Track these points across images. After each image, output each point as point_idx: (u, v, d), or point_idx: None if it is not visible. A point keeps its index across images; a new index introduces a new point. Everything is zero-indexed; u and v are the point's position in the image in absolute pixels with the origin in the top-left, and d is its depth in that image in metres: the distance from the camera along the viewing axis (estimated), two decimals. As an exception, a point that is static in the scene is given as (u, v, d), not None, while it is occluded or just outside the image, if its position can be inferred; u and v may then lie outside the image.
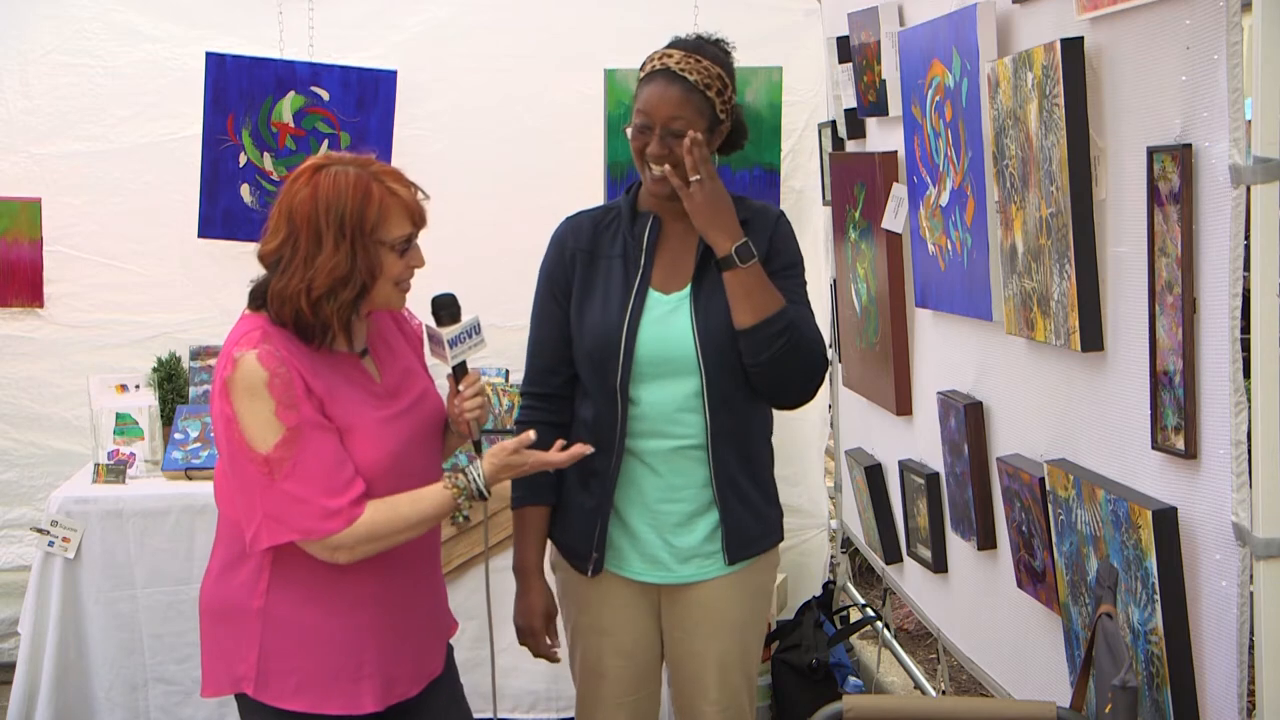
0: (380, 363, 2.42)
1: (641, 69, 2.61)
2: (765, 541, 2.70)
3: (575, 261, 2.65)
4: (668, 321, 2.61)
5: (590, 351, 2.61)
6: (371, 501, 2.27)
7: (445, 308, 2.46)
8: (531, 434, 2.39)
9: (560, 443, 2.44)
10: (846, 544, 4.81)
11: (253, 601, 2.31)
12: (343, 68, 4.29)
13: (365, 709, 2.34)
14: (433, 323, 2.47)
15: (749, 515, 2.66)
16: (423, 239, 2.36)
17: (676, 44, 2.63)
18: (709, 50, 2.61)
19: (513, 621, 2.74)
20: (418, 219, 2.33)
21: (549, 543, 2.74)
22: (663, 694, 2.82)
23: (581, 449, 2.43)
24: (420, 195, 2.34)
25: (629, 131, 2.59)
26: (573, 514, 2.68)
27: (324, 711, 2.32)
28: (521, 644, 2.75)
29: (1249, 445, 1.98)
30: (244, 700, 2.36)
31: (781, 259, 2.66)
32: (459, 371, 2.47)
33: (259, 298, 2.31)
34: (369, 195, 2.25)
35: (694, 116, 2.54)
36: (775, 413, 2.77)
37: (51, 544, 3.72)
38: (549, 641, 2.74)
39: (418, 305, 2.48)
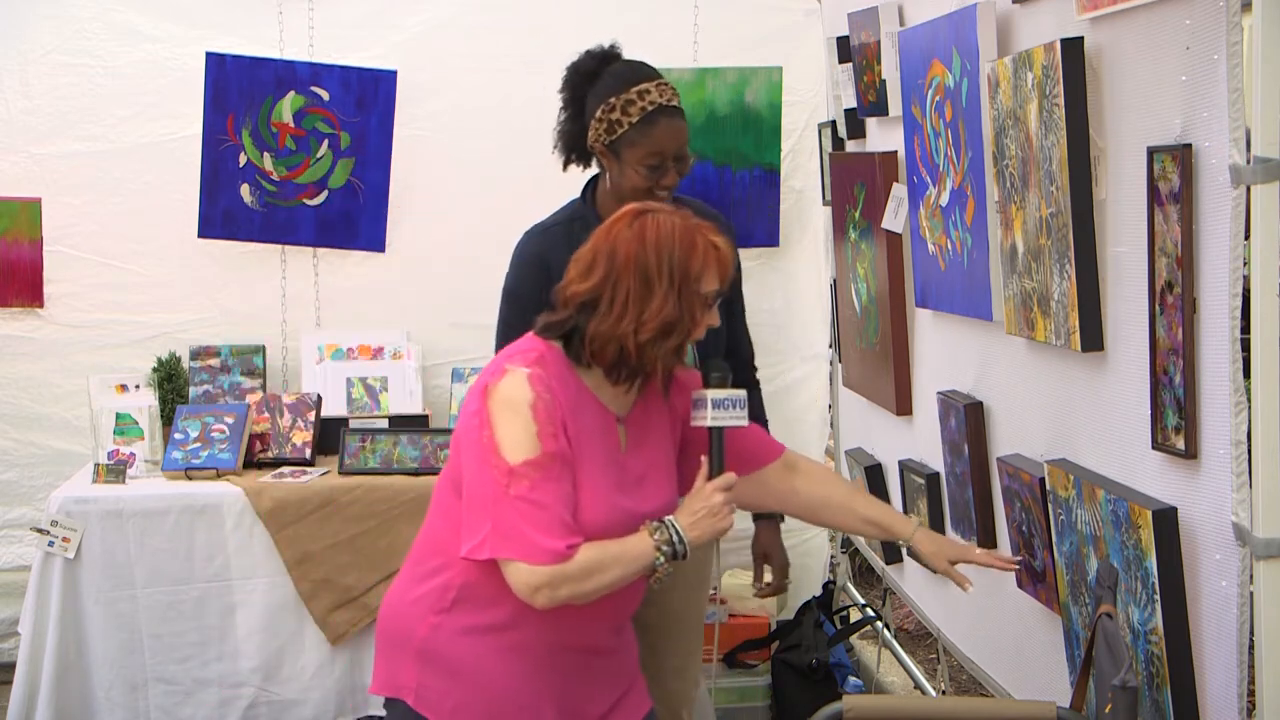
0: (631, 437, 2.36)
1: (627, 110, 2.68)
2: None
3: None
4: None
5: None
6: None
7: (717, 369, 2.40)
8: (732, 476, 2.31)
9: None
10: (846, 544, 4.81)
11: (423, 621, 2.29)
12: (343, 68, 4.29)
13: None
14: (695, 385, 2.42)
15: None
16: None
17: (645, 73, 2.73)
18: (652, 68, 2.75)
19: None
20: (725, 278, 2.31)
21: None
22: None
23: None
24: None
25: (640, 172, 2.68)
26: None
27: None
28: None
29: (1249, 445, 1.98)
30: (397, 705, 2.33)
31: (739, 284, 2.91)
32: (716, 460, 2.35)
33: (553, 331, 2.29)
34: (694, 245, 2.25)
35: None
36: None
37: (51, 544, 3.72)
38: None
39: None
